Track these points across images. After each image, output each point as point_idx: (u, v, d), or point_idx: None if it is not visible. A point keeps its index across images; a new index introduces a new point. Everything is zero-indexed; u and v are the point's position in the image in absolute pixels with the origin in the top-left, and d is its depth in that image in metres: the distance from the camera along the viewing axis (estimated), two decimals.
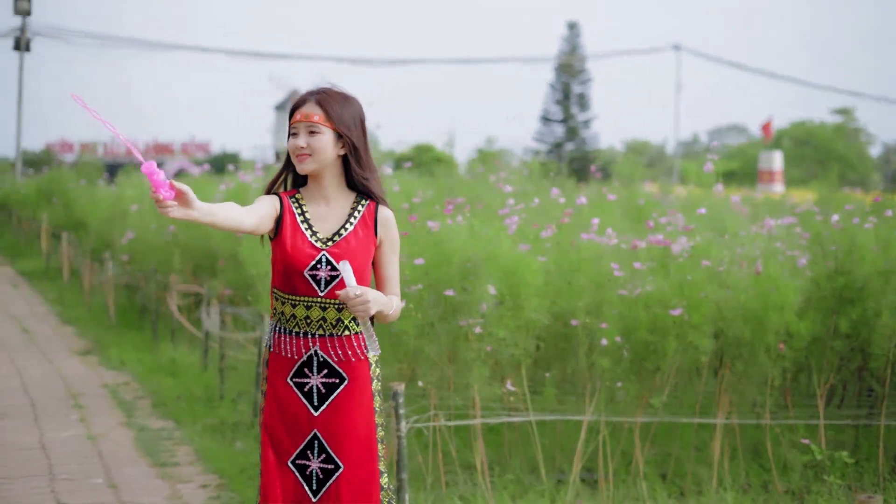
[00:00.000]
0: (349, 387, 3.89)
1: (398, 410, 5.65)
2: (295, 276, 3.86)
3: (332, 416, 3.89)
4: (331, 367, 3.88)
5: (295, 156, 3.91)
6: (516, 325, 6.22)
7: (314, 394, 3.89)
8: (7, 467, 7.02)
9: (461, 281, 6.18)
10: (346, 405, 3.89)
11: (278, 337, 3.93)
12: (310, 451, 3.90)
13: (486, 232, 6.28)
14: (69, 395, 9.23)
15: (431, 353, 6.19)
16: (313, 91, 4.00)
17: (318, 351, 3.88)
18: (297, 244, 3.88)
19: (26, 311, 14.96)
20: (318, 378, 3.88)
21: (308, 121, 3.88)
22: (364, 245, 3.93)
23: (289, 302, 3.90)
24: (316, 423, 3.88)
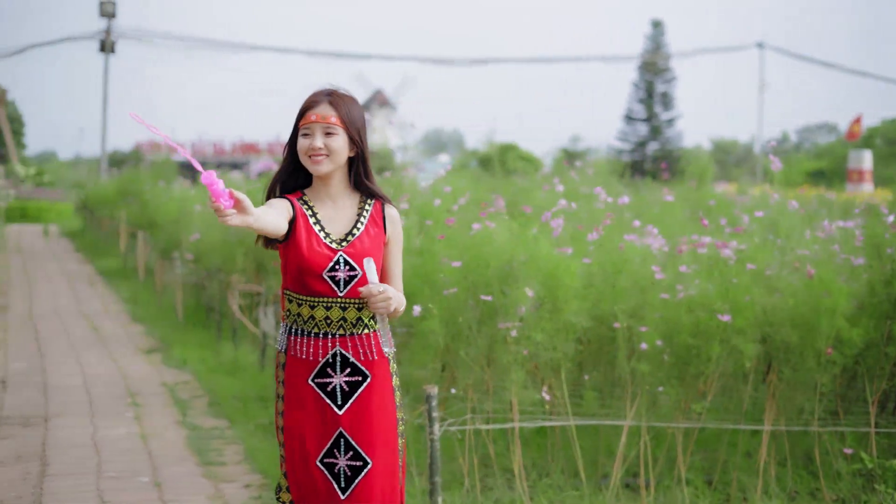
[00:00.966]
0: (372, 384, 3.95)
1: (431, 413, 5.63)
2: (313, 278, 3.90)
3: (357, 414, 3.94)
4: (354, 366, 3.93)
5: (309, 157, 3.93)
6: (555, 328, 6.15)
7: (338, 393, 3.93)
8: (58, 464, 7.13)
9: (499, 284, 6.13)
10: (370, 402, 3.95)
11: (295, 339, 3.96)
12: (336, 450, 3.93)
13: (525, 234, 6.23)
14: (128, 393, 9.36)
15: (468, 356, 6.15)
16: (324, 92, 4.03)
17: (340, 351, 3.92)
18: (314, 246, 3.91)
19: (99, 308, 15.22)
20: (342, 377, 3.93)
21: (325, 122, 3.92)
22: (376, 243, 4.00)
23: (307, 303, 3.92)
24: (341, 421, 3.93)
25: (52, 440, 7.74)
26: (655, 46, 56.27)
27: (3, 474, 6.89)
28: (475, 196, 9.51)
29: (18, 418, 8.36)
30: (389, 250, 4.06)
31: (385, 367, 3.99)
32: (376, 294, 3.80)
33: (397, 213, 4.10)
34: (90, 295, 16.89)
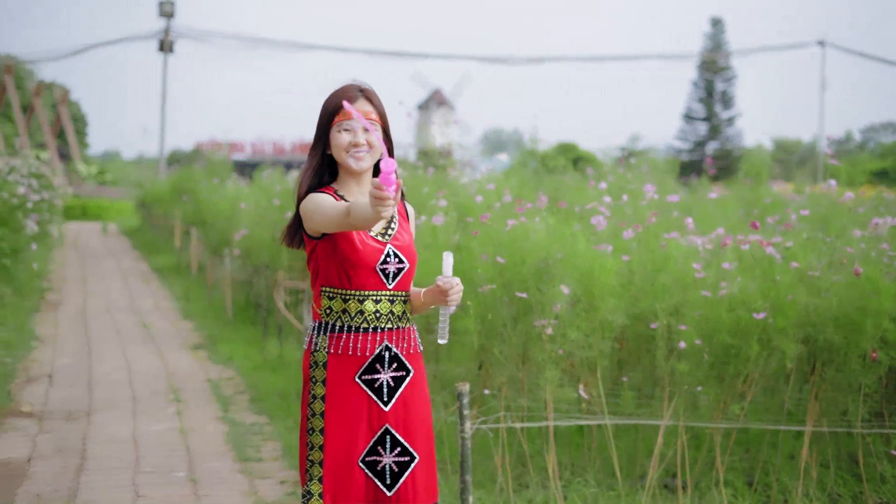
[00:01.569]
0: (414, 378, 3.96)
1: (462, 411, 5.56)
2: (364, 272, 3.87)
3: (403, 409, 3.92)
4: (399, 361, 3.92)
5: (349, 152, 3.89)
6: (591, 326, 6.06)
7: (384, 388, 3.90)
8: (97, 458, 7.16)
9: (535, 281, 6.05)
10: (413, 396, 3.95)
11: (339, 336, 3.89)
12: (381, 447, 3.90)
13: (561, 231, 6.14)
14: (171, 389, 9.39)
15: (502, 353, 6.08)
16: (356, 87, 3.99)
17: (388, 345, 3.90)
18: (363, 240, 3.89)
19: (151, 305, 15.33)
20: (389, 372, 3.91)
21: (366, 117, 3.88)
22: (411, 239, 4.03)
23: (355, 298, 3.88)
24: (387, 417, 3.90)
25: (93, 434, 7.78)
26: (715, 45, 55.67)
27: (42, 467, 6.93)
28: (519, 193, 9.44)
29: (62, 412, 8.42)
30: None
31: (421, 361, 4.02)
32: (455, 286, 3.82)
33: (413, 210, 4.18)
34: (143, 292, 17.02)
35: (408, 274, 3.94)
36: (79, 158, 51.60)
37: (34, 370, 10.04)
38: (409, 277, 3.95)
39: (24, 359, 10.50)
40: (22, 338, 11.48)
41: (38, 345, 11.40)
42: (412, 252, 3.97)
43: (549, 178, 13.19)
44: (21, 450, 7.32)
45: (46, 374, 9.87)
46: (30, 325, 12.47)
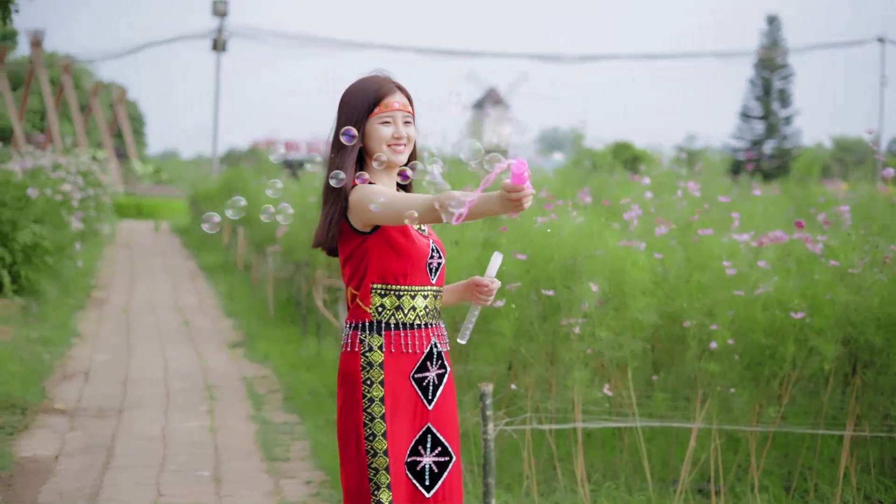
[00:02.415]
0: (450, 375, 3.87)
1: (485, 412, 5.41)
2: (418, 267, 3.76)
3: (442, 407, 3.83)
4: (441, 358, 3.84)
5: (390, 146, 3.77)
6: (621, 325, 5.88)
7: (430, 386, 3.80)
8: (124, 456, 7.10)
9: (563, 278, 5.89)
10: (449, 394, 3.86)
11: (396, 334, 3.74)
12: (422, 447, 3.78)
13: (590, 227, 5.97)
14: (205, 386, 9.34)
15: (529, 353, 5.93)
16: (388, 79, 3.88)
17: (435, 342, 3.81)
18: (412, 234, 3.77)
19: (195, 303, 15.33)
20: (435, 370, 3.81)
21: (405, 110, 3.80)
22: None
23: (407, 294, 3.76)
24: (429, 416, 3.79)
25: (123, 432, 7.73)
26: (772, 42, 54.99)
27: (68, 465, 6.88)
28: (561, 190, 9.28)
29: (94, 410, 8.38)
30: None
31: (450, 359, 3.93)
32: (491, 286, 3.83)
33: None
34: (188, 289, 17.04)
35: (444, 269, 3.88)
36: (135, 157, 52.09)
37: (71, 367, 10.03)
38: (444, 273, 3.89)
39: (62, 356, 10.50)
40: (62, 335, 11.49)
41: (77, 342, 11.41)
42: (443, 247, 3.90)
43: (596, 175, 13.02)
44: (50, 447, 7.28)
45: (83, 371, 9.86)
46: (72, 323, 12.49)
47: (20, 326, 11.45)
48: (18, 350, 10.18)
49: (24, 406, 8.21)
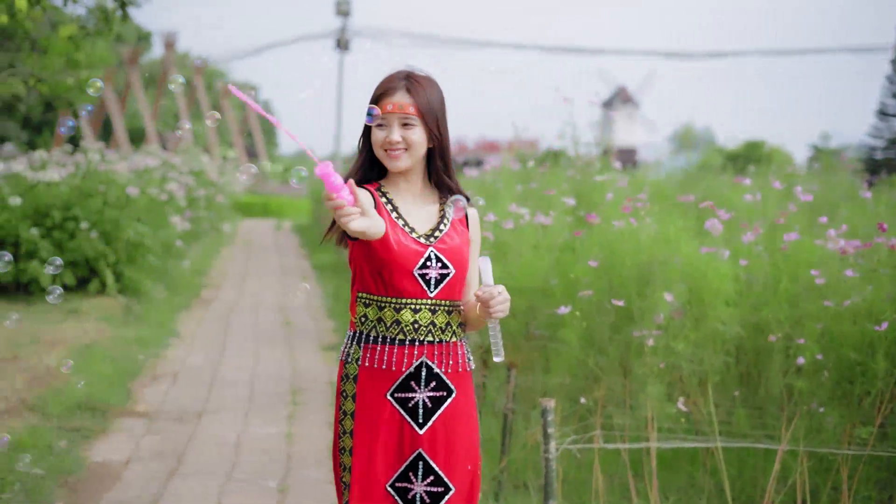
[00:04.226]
0: (456, 400, 3.51)
1: (546, 429, 5.07)
2: (402, 277, 3.46)
3: (440, 434, 3.49)
4: (439, 379, 3.49)
5: (386, 151, 3.51)
6: (700, 337, 5.47)
7: (420, 409, 3.49)
8: (192, 463, 6.95)
9: (638, 287, 5.51)
10: (454, 421, 3.51)
11: (373, 348, 3.50)
12: (412, 473, 3.48)
13: (667, 231, 5.57)
14: (291, 391, 9.17)
15: (599, 365, 5.56)
16: (400, 76, 3.57)
17: (426, 361, 3.48)
18: (401, 241, 3.47)
19: (301, 303, 15.26)
20: (425, 392, 3.49)
21: (402, 112, 3.48)
22: (464, 243, 3.59)
23: (391, 306, 3.48)
24: (420, 441, 3.48)
25: (198, 437, 7.59)
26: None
27: (136, 471, 6.76)
28: (660, 192, 8.87)
29: (175, 413, 8.28)
30: (469, 253, 3.64)
31: (468, 381, 3.58)
32: (497, 295, 3.39)
33: (476, 212, 3.72)
34: (297, 289, 16.99)
35: (454, 281, 3.51)
36: (265, 157, 52.79)
37: (161, 368, 9.98)
38: (455, 286, 3.53)
39: (155, 356, 10.47)
40: (160, 335, 11.48)
41: (174, 342, 11.38)
42: (461, 257, 3.53)
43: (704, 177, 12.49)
44: (123, 452, 7.18)
45: (172, 373, 9.79)
46: (173, 323, 12.48)
47: (119, 326, 11.49)
48: (112, 350, 10.18)
49: (105, 409, 8.15)
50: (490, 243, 6.50)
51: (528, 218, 6.61)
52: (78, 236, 12.41)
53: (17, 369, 9.00)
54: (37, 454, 6.83)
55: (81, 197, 12.66)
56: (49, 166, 13.84)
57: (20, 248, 12.24)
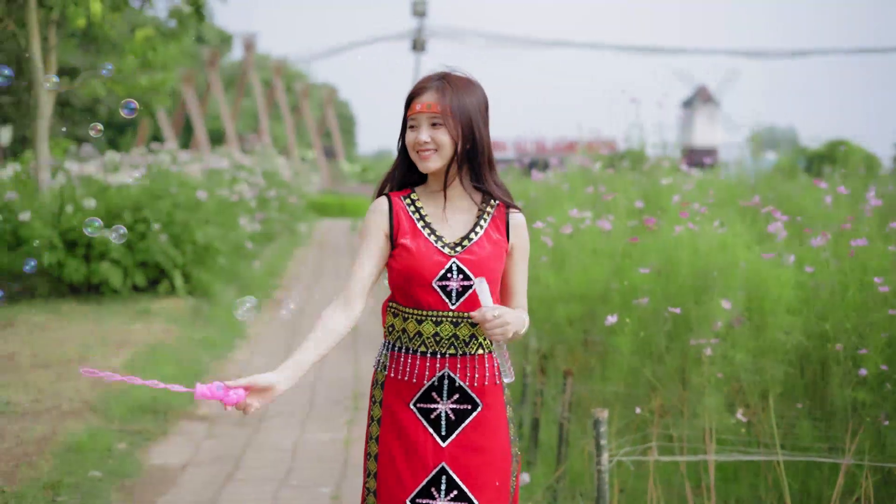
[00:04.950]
0: (483, 414, 3.41)
1: (599, 440, 4.94)
2: (421, 289, 3.38)
3: (464, 448, 3.40)
4: (462, 391, 3.40)
5: (416, 152, 3.43)
6: (760, 347, 5.29)
7: (442, 421, 3.41)
8: (249, 468, 6.93)
9: (696, 294, 5.35)
10: (480, 435, 3.41)
11: (398, 357, 3.45)
12: (434, 488, 3.38)
13: (726, 237, 5.40)
14: (352, 396, 9.12)
15: (655, 375, 5.41)
16: (434, 76, 3.49)
17: (448, 373, 3.39)
18: (422, 251, 3.39)
19: (370, 305, 15.19)
20: (448, 403, 3.41)
21: (431, 112, 3.39)
22: (496, 252, 3.45)
23: (413, 318, 3.42)
24: (443, 455, 3.39)
25: (256, 442, 7.57)
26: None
27: (193, 475, 6.75)
28: (728, 195, 8.65)
29: (235, 416, 8.26)
30: (513, 261, 3.53)
31: (498, 396, 3.46)
32: (490, 319, 3.25)
33: (523, 219, 3.56)
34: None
35: (476, 293, 3.38)
36: (343, 157, 53.07)
37: (226, 370, 10.00)
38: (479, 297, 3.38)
39: (220, 358, 10.50)
40: (227, 336, 11.52)
41: (240, 344, 11.42)
42: (488, 269, 3.40)
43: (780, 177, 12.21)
44: (181, 455, 7.18)
45: (235, 376, 9.79)
46: (241, 324, 12.51)
47: (187, 327, 11.54)
48: (178, 352, 10.22)
49: (167, 411, 8.17)
50: (548, 249, 6.37)
51: (591, 222, 6.47)
52: (148, 238, 12.50)
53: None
54: (96, 456, 6.86)
55: (152, 199, 12.76)
56: (122, 168, 13.98)
57: (92, 250, 12.37)
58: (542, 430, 7.14)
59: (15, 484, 6.16)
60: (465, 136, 3.41)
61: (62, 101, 26.09)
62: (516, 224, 3.53)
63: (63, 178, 13.52)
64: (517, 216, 3.53)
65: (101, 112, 30.78)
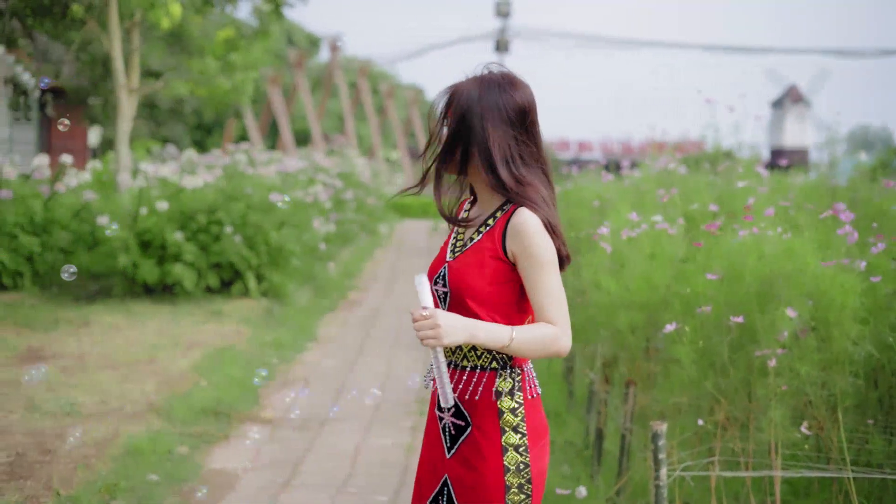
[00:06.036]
0: (473, 436, 3.21)
1: (657, 455, 4.75)
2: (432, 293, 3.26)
3: (462, 467, 3.23)
4: (457, 407, 3.24)
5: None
6: (828, 358, 5.04)
7: (447, 432, 3.27)
8: (308, 473, 6.85)
9: (760, 303, 5.12)
10: (471, 457, 3.21)
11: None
12: (441, 499, 3.27)
13: (791, 243, 5.15)
14: (418, 399, 8.99)
15: (716, 387, 5.19)
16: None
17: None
18: (438, 253, 3.33)
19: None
20: (449, 416, 3.26)
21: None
22: (481, 261, 3.19)
23: None
24: (447, 466, 3.25)
25: (318, 446, 7.49)
26: None
27: (251, 480, 6.69)
28: (806, 198, 8.35)
29: (299, 420, 8.20)
30: (521, 270, 3.17)
31: (492, 417, 3.18)
32: (418, 318, 3.04)
33: (525, 222, 3.14)
34: None
35: (454, 303, 3.18)
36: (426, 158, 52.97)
37: (295, 373, 9.95)
38: (459, 308, 3.17)
39: (291, 360, 10.45)
40: (299, 338, 11.48)
41: (311, 346, 11.36)
42: (462, 278, 3.16)
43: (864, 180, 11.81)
44: (241, 460, 7.12)
45: (304, 378, 9.74)
46: (314, 326, 12.48)
47: (259, 328, 11.54)
48: (247, 353, 10.21)
49: (230, 414, 8.12)
50: (607, 255, 6.17)
51: (649, 226, 6.24)
52: (222, 239, 12.53)
53: (151, 371, 9.09)
54: (155, 460, 6.84)
55: (226, 200, 12.79)
56: (199, 169, 14.04)
57: (166, 251, 12.43)
58: (607, 439, 6.95)
59: (71, 488, 6.15)
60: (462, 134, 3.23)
61: (148, 103, 26.37)
62: (514, 226, 3.16)
63: (143, 179, 13.63)
64: (518, 218, 3.16)
65: (187, 113, 31.11)
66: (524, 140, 3.26)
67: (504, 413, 3.19)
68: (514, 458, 3.19)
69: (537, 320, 3.18)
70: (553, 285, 3.16)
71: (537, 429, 3.24)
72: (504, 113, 3.24)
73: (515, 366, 3.22)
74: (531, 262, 3.15)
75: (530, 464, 3.20)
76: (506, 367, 3.21)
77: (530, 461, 3.20)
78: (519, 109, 3.25)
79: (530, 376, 3.28)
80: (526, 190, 3.22)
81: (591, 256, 6.55)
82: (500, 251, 3.18)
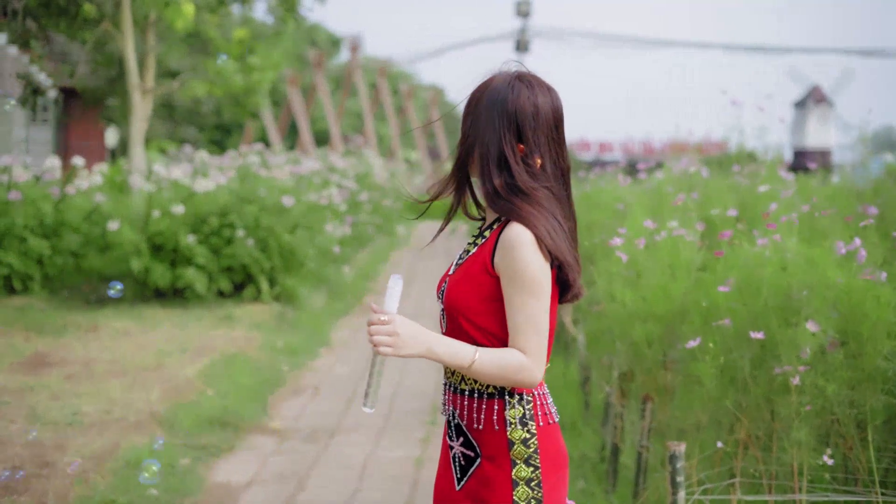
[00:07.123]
0: (482, 467, 2.94)
1: (675, 477, 4.51)
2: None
3: (469, 501, 2.96)
4: (465, 436, 2.99)
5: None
6: (856, 376, 4.78)
7: (457, 462, 3.02)
8: (314, 488, 6.63)
9: (779, 317, 4.86)
10: (480, 491, 2.94)
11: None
12: None
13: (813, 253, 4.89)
14: (431, 409, 8.77)
15: (736, 406, 4.93)
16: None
17: (453, 409, 3.02)
18: (450, 265, 3.10)
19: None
20: (458, 445, 3.01)
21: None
22: (473, 274, 2.94)
23: None
24: (456, 500, 2.99)
25: (325, 458, 7.27)
26: None
27: (254, 495, 6.47)
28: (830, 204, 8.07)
29: (307, 431, 7.97)
30: (503, 288, 2.88)
31: (501, 449, 2.93)
32: (374, 322, 2.81)
33: (515, 237, 2.85)
34: None
35: (451, 324, 2.96)
36: (447, 158, 52.80)
37: (305, 380, 9.73)
38: (452, 325, 2.95)
39: (301, 366, 10.24)
40: (311, 343, 11.26)
41: (323, 352, 11.15)
42: (456, 295, 2.94)
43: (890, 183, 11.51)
44: (246, 472, 6.91)
45: (314, 386, 9.52)
46: (327, 331, 12.25)
47: (270, 333, 11.32)
48: (257, 360, 9.99)
49: (237, 424, 7.91)
50: (622, 263, 5.92)
51: (667, 234, 5.99)
52: (234, 242, 12.33)
53: (158, 379, 8.88)
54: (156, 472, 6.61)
55: (239, 203, 12.59)
56: (211, 171, 13.85)
57: (178, 255, 12.24)
58: (623, 454, 6.70)
59: None
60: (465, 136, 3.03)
61: (165, 103, 26.26)
62: (503, 240, 2.89)
63: (154, 182, 13.44)
64: (508, 233, 2.88)
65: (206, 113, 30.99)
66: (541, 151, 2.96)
67: (515, 444, 2.93)
68: (524, 493, 2.92)
69: (510, 346, 2.89)
70: (533, 310, 2.85)
71: (554, 459, 2.97)
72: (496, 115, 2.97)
73: (522, 391, 2.95)
74: (512, 279, 2.86)
75: (543, 499, 2.93)
76: (512, 393, 2.93)
77: (543, 496, 2.93)
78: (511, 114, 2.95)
79: (544, 401, 2.99)
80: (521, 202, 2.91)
81: (606, 264, 6.30)
82: (489, 265, 2.92)
